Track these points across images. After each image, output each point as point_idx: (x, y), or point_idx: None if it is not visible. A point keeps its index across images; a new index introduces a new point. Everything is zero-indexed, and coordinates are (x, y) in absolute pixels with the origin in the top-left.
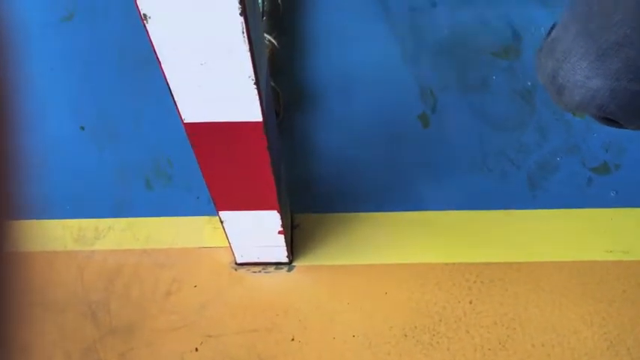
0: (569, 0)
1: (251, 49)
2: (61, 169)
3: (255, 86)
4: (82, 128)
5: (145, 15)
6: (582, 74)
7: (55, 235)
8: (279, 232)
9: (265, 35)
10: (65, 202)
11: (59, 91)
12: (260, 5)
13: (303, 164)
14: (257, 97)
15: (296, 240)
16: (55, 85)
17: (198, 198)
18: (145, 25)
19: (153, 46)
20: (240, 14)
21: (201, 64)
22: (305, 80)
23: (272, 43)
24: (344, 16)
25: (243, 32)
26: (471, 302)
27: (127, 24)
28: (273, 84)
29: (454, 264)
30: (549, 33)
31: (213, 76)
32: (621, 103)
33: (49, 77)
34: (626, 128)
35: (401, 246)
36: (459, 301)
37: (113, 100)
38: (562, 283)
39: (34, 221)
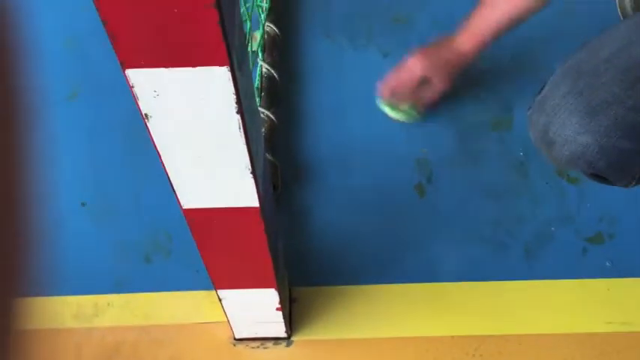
0: (561, 61)
1: (247, 143)
2: (62, 244)
3: (251, 175)
4: (83, 204)
5: (146, 115)
6: (572, 129)
7: (55, 312)
8: (277, 309)
9: (263, 110)
10: (65, 278)
11: (61, 167)
12: (258, 81)
13: (301, 237)
14: (254, 185)
15: (294, 313)
16: (56, 161)
17: (197, 272)
18: (145, 123)
19: (153, 141)
20: (237, 112)
21: (199, 157)
22: (303, 153)
23: (270, 118)
24: (341, 90)
25: (239, 128)
26: None
27: (130, 103)
28: (271, 158)
29: (453, 337)
30: (539, 92)
31: (210, 167)
32: (610, 161)
33: (51, 153)
34: (615, 185)
35: (399, 319)
36: None
37: (114, 176)
38: (562, 356)
39: (33, 298)
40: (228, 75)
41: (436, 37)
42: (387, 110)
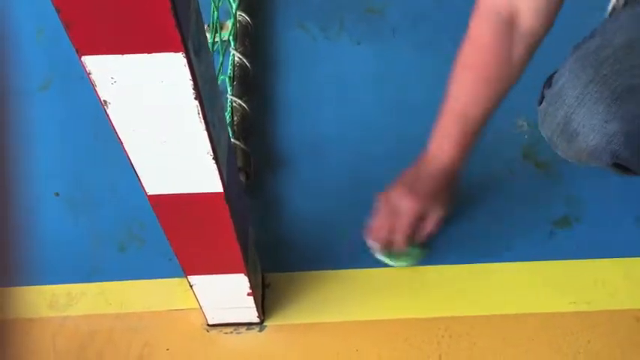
0: (572, 50)
1: (208, 129)
2: (35, 234)
3: (214, 161)
4: (57, 194)
5: (105, 101)
6: (600, 118)
7: (29, 302)
8: (249, 294)
9: (236, 99)
10: (39, 267)
11: (34, 157)
12: (230, 70)
13: (274, 224)
14: (216, 171)
15: (268, 299)
16: (29, 151)
17: (170, 260)
18: (105, 110)
19: (114, 128)
20: (195, 98)
21: (161, 143)
22: (276, 141)
23: (242, 107)
24: (313, 80)
25: (198, 114)
26: (440, 357)
27: None
28: (244, 146)
29: (423, 319)
30: (549, 84)
31: (172, 153)
32: (635, 148)
33: (24, 144)
34: (636, 174)
35: (370, 302)
36: (429, 356)
37: (87, 166)
38: (528, 335)
39: (8, 288)
40: (184, 61)
41: (409, 165)
42: (389, 261)
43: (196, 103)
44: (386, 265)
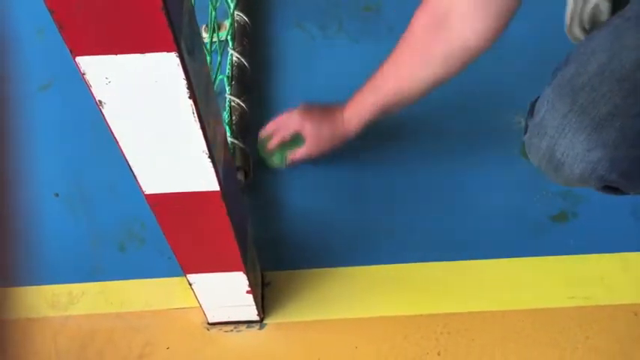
0: (551, 77)
1: (203, 128)
2: (36, 235)
3: (209, 159)
4: (57, 195)
5: (100, 101)
6: (581, 147)
7: (30, 302)
8: (247, 292)
9: (234, 99)
10: (40, 267)
11: (34, 158)
12: (228, 70)
13: (273, 222)
14: (212, 169)
15: (267, 297)
16: (30, 152)
17: (170, 259)
18: (100, 110)
19: (110, 128)
20: (189, 97)
21: (156, 142)
22: None
23: (241, 106)
24: (311, 79)
25: (193, 113)
26: (439, 354)
27: None
28: (242, 145)
29: (422, 315)
30: (531, 113)
31: (168, 152)
32: (622, 171)
33: (24, 144)
34: (628, 194)
35: (369, 300)
36: (427, 353)
37: (87, 166)
38: (527, 331)
39: (9, 289)
40: (177, 61)
41: (329, 103)
42: (261, 152)
43: (190, 102)
44: (384, 263)
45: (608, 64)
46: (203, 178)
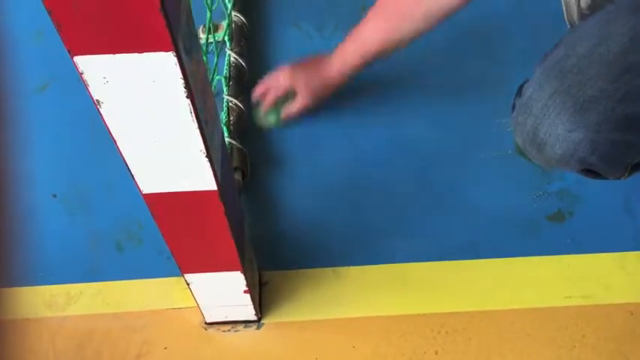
0: (540, 59)
1: (200, 127)
2: (33, 235)
3: (207, 159)
4: (54, 196)
5: (97, 101)
6: (563, 128)
7: (28, 302)
8: (245, 292)
9: (232, 99)
10: (37, 268)
11: (31, 159)
12: (226, 70)
13: (271, 222)
14: (210, 169)
15: (265, 297)
16: (27, 153)
17: (168, 259)
18: (98, 110)
19: (107, 128)
20: (187, 97)
21: (154, 142)
22: (272, 140)
23: (239, 106)
24: None
25: (191, 113)
26: (436, 353)
27: None
28: (240, 146)
29: (419, 315)
30: (519, 93)
31: (166, 151)
32: (602, 154)
33: (22, 145)
34: (608, 178)
35: (367, 299)
36: (425, 352)
37: (85, 167)
38: (524, 330)
39: (7, 289)
40: (175, 60)
41: (315, 54)
42: (256, 112)
43: (188, 101)
44: (381, 263)
45: (597, 48)
46: (201, 177)
